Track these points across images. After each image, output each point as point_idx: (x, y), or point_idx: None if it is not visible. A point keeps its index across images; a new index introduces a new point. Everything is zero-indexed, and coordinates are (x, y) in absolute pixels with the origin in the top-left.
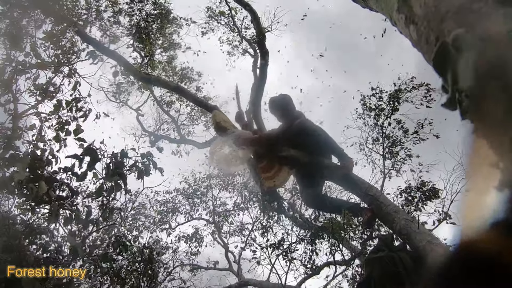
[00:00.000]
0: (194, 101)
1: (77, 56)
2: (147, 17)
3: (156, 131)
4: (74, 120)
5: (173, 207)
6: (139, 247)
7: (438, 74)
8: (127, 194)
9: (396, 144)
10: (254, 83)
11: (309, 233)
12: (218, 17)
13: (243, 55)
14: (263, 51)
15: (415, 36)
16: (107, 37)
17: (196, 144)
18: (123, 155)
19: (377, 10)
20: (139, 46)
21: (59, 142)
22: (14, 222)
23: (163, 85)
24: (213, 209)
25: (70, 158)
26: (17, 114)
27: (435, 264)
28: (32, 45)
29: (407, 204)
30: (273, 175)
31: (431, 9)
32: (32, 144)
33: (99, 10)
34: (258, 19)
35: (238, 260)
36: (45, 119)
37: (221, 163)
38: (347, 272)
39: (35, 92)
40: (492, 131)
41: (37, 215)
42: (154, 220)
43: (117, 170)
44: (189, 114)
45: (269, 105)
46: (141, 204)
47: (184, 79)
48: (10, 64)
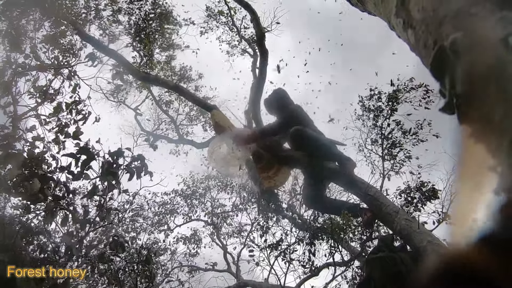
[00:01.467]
0: (193, 101)
1: (77, 57)
2: (147, 17)
3: (154, 130)
4: (74, 123)
5: (171, 208)
6: (137, 248)
7: (435, 78)
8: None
9: (396, 145)
10: (253, 82)
11: (307, 234)
12: (217, 17)
13: (242, 54)
14: (263, 50)
15: (413, 40)
16: (106, 36)
17: (195, 144)
18: (119, 154)
19: (375, 14)
20: (139, 45)
21: (58, 145)
22: (11, 222)
23: (162, 84)
24: (211, 210)
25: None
26: (17, 116)
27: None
28: (32, 47)
29: (407, 205)
30: (272, 175)
31: (429, 13)
32: (29, 143)
33: (98, 9)
34: (258, 18)
35: (236, 262)
36: (45, 122)
37: (220, 163)
38: (346, 273)
39: (35, 94)
40: (490, 135)
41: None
42: (152, 222)
43: (110, 169)
44: (188, 114)
45: (265, 105)
46: (139, 205)
47: (183, 79)
48: (10, 66)
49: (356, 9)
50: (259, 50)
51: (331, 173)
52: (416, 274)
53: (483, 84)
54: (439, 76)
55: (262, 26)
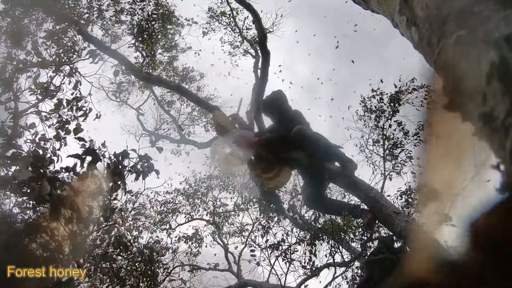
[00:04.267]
0: (195, 101)
1: (78, 55)
2: (149, 17)
3: (156, 130)
4: (75, 120)
5: (173, 207)
6: (139, 247)
7: (439, 76)
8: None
9: (397, 146)
10: (255, 84)
11: (308, 234)
12: (219, 18)
13: (244, 55)
14: (265, 52)
15: (416, 38)
16: (109, 36)
17: (196, 144)
18: (124, 155)
19: (378, 12)
20: (141, 46)
21: (59, 141)
22: (15, 221)
23: (164, 84)
24: (213, 209)
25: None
26: (18, 113)
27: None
28: (33, 44)
29: (407, 206)
30: (274, 176)
31: (433, 12)
32: (35, 143)
33: (101, 9)
34: (260, 19)
35: (237, 261)
36: (46, 118)
37: (222, 163)
38: (347, 274)
39: (36, 90)
40: (494, 134)
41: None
42: (154, 221)
43: (116, 170)
44: (190, 114)
45: (263, 106)
46: (141, 204)
47: (185, 80)
48: (11, 62)
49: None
50: (261, 51)
51: (332, 174)
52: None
53: (487, 82)
54: (443, 74)
55: (264, 27)
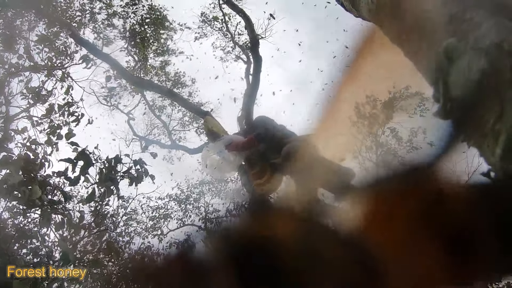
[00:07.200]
0: (186, 106)
1: (71, 58)
2: (143, 21)
3: (147, 135)
4: (66, 125)
5: (165, 213)
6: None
7: (430, 84)
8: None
9: (390, 153)
10: (246, 89)
11: None
12: (211, 23)
13: (236, 61)
14: (256, 57)
15: (407, 46)
16: (101, 39)
17: (187, 150)
18: (117, 160)
19: (369, 20)
20: (133, 50)
21: (50, 146)
22: (4, 226)
23: (156, 89)
24: (205, 215)
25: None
26: (9, 117)
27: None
28: (25, 48)
29: None
30: (265, 181)
31: (424, 20)
32: (26, 147)
33: (93, 12)
34: (252, 25)
35: None
36: (37, 123)
37: (214, 169)
38: None
39: (28, 95)
40: (484, 139)
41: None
42: (146, 226)
43: (109, 175)
44: (181, 120)
45: None
46: (133, 210)
47: (177, 85)
48: (2, 66)
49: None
50: (253, 57)
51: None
52: None
53: (477, 88)
54: (434, 81)
55: (256, 33)
